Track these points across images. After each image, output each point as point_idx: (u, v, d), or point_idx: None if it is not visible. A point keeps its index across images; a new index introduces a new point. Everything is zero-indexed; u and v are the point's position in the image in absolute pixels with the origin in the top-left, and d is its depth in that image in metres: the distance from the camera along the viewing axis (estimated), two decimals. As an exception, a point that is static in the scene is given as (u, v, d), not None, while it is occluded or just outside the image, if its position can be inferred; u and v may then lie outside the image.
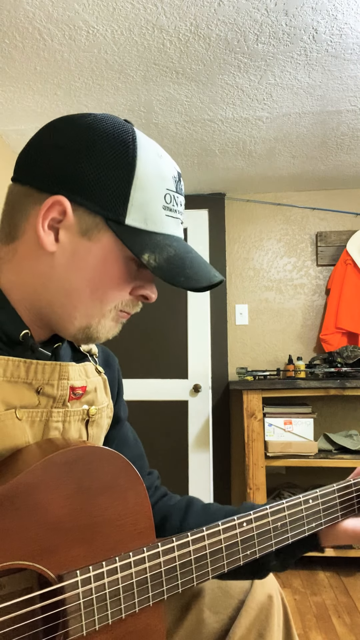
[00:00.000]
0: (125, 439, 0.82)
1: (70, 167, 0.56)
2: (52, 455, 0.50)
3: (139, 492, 0.56)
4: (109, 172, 0.56)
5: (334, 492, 0.74)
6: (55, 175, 0.56)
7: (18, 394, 0.58)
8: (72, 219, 0.57)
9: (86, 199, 0.56)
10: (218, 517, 0.78)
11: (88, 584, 0.50)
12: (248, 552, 0.64)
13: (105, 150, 0.56)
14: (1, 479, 0.49)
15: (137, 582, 0.54)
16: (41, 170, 0.57)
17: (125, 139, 0.57)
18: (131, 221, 0.57)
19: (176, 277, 0.57)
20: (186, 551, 0.58)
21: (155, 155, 0.59)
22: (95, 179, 0.56)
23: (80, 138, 0.56)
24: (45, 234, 0.57)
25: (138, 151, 0.57)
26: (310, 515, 0.71)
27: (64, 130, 0.58)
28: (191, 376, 2.90)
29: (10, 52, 1.72)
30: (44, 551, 0.49)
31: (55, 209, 0.56)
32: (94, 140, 0.56)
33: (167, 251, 0.58)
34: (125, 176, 0.56)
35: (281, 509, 0.68)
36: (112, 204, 0.56)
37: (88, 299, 0.59)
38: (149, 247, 0.57)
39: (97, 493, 0.53)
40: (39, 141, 0.59)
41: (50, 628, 0.49)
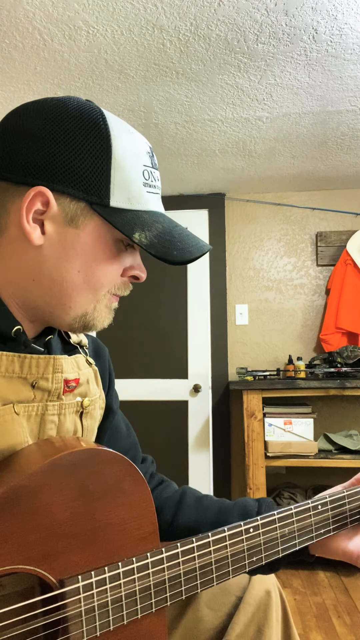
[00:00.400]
0: (118, 428, 0.82)
1: (45, 155, 0.54)
2: (55, 458, 0.50)
3: (143, 496, 0.55)
4: (86, 155, 0.54)
5: (344, 498, 0.74)
6: (31, 166, 0.54)
7: (14, 389, 0.58)
8: (55, 208, 0.55)
9: (67, 185, 0.55)
10: (211, 512, 0.78)
11: (90, 589, 0.50)
12: (254, 559, 0.63)
13: (78, 133, 0.55)
14: (2, 481, 0.48)
15: (140, 589, 0.53)
16: (15, 162, 0.55)
17: (95, 120, 0.56)
18: (115, 202, 0.56)
19: (169, 252, 0.57)
20: (191, 557, 0.58)
21: (127, 132, 0.58)
22: (73, 164, 0.54)
23: (50, 123, 0.55)
24: (31, 228, 0.55)
25: (111, 130, 0.56)
26: (320, 521, 0.70)
27: (31, 117, 0.56)
28: (191, 376, 2.90)
29: (10, 52, 1.71)
30: (45, 556, 0.48)
31: (38, 201, 0.55)
32: (65, 124, 0.55)
33: (156, 227, 0.58)
34: (103, 157, 0.55)
35: (289, 515, 0.68)
36: (94, 188, 0.55)
37: (82, 286, 0.58)
38: (138, 225, 0.56)
39: (101, 497, 0.53)
40: (6, 132, 0.57)
41: (50, 634, 0.49)
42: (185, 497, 0.80)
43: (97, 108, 0.57)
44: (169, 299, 2.96)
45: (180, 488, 0.84)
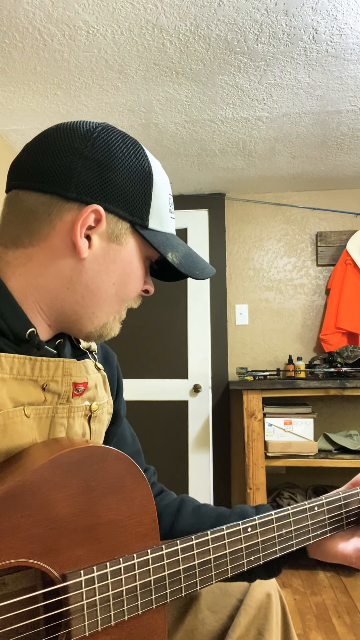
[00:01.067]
0: (123, 436, 0.83)
1: (100, 178, 0.60)
2: (58, 455, 0.50)
3: (144, 493, 0.56)
4: (135, 182, 0.62)
5: (340, 500, 0.74)
6: (87, 185, 0.59)
7: (25, 391, 0.59)
8: (104, 225, 0.61)
9: (117, 206, 0.61)
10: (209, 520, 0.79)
11: (92, 584, 0.50)
12: (252, 558, 0.64)
13: (129, 162, 0.62)
14: (7, 477, 0.49)
15: (140, 584, 0.53)
16: (69, 180, 0.59)
17: (139, 151, 0.64)
18: (152, 225, 0.64)
19: (193, 270, 0.66)
20: (190, 555, 0.58)
21: (159, 164, 0.67)
22: (124, 188, 0.61)
23: (105, 150, 0.61)
24: (82, 242, 0.60)
25: (151, 162, 0.64)
26: (316, 523, 0.71)
27: (82, 139, 0.61)
28: (191, 376, 2.90)
29: (10, 52, 1.72)
30: (48, 550, 0.49)
31: (91, 218, 0.60)
32: (115, 152, 0.61)
33: (180, 249, 0.67)
34: (147, 185, 0.63)
35: (286, 515, 0.68)
36: (138, 211, 0.62)
37: (113, 298, 0.64)
38: (169, 246, 0.65)
39: (103, 493, 0.53)
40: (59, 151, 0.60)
41: (52, 627, 0.49)
42: (184, 506, 0.81)
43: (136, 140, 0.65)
44: (169, 299, 2.96)
45: (178, 496, 0.85)
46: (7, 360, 0.57)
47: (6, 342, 0.58)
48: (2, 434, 0.55)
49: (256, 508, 0.79)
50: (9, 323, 0.58)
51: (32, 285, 0.61)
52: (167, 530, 0.79)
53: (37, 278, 0.61)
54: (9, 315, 0.58)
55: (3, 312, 0.58)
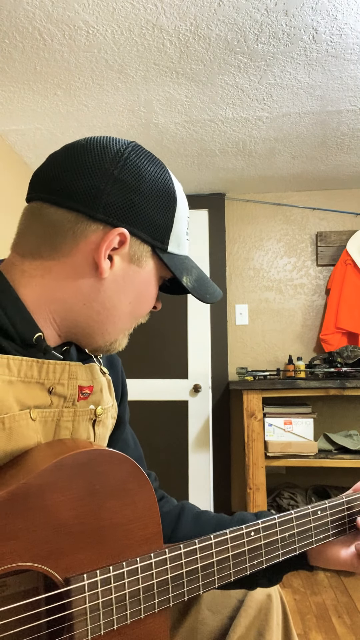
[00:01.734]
0: (126, 441, 0.83)
1: (128, 202, 0.61)
2: (62, 458, 0.50)
3: (148, 497, 0.56)
4: (160, 208, 0.63)
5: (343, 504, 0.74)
6: (115, 209, 0.60)
7: (32, 394, 0.59)
8: (127, 248, 0.62)
9: (141, 230, 0.62)
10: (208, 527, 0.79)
11: (95, 588, 0.50)
12: (255, 562, 0.64)
13: (156, 188, 0.63)
14: (11, 480, 0.49)
15: (143, 588, 0.53)
16: (99, 202, 0.60)
17: (167, 177, 0.65)
18: (171, 248, 0.66)
19: (204, 294, 0.68)
20: (193, 559, 0.58)
21: (180, 187, 0.68)
22: (150, 213, 0.62)
23: (132, 172, 0.61)
24: (105, 263, 0.61)
25: (175, 186, 0.65)
26: (319, 527, 0.70)
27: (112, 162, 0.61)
28: (191, 376, 2.90)
29: (10, 52, 1.71)
30: (51, 553, 0.49)
31: (116, 240, 0.61)
32: (146, 177, 0.62)
33: (194, 272, 0.69)
34: (171, 211, 0.64)
35: (289, 519, 0.68)
36: (160, 234, 0.64)
37: (127, 316, 0.66)
38: (184, 270, 0.67)
39: (107, 497, 0.53)
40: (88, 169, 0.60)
41: (55, 631, 0.49)
42: (184, 513, 0.81)
43: (162, 163, 0.66)
44: (169, 299, 2.96)
45: (179, 503, 0.85)
46: (15, 363, 0.57)
47: (13, 346, 0.58)
48: (8, 437, 0.55)
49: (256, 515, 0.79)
50: (16, 327, 0.58)
51: (47, 296, 0.61)
52: (167, 537, 0.79)
53: (53, 291, 0.61)
54: (16, 319, 0.59)
55: (11, 316, 0.58)
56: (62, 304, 0.62)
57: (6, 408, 0.55)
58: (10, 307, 0.59)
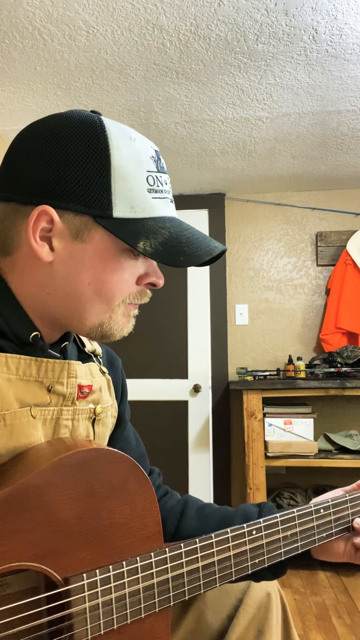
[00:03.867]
0: (128, 440, 0.83)
1: (47, 174, 0.55)
2: (62, 457, 0.50)
3: (147, 496, 0.56)
4: (85, 169, 0.55)
5: (346, 503, 0.74)
6: (35, 185, 0.55)
7: (31, 392, 0.59)
8: (60, 225, 0.56)
9: (69, 201, 0.55)
10: (213, 521, 0.78)
11: (94, 587, 0.50)
12: (257, 561, 0.63)
13: (76, 147, 0.55)
14: (10, 479, 0.49)
15: (143, 587, 0.53)
16: (21, 183, 0.56)
17: (93, 132, 0.56)
18: (119, 213, 0.56)
19: (175, 258, 0.56)
20: (194, 558, 0.58)
21: (128, 139, 0.58)
22: (73, 179, 0.55)
23: (51, 142, 0.55)
24: (39, 246, 0.56)
25: (109, 140, 0.56)
26: (322, 525, 0.70)
27: (34, 138, 0.57)
28: (191, 376, 2.90)
29: (10, 52, 1.71)
30: (51, 553, 0.49)
31: (43, 219, 0.55)
32: (62, 139, 0.55)
33: (162, 234, 0.57)
34: (102, 169, 0.55)
35: (292, 517, 0.68)
36: (96, 201, 0.55)
37: (94, 298, 0.58)
38: (142, 234, 0.56)
39: (106, 496, 0.53)
40: (11, 153, 0.58)
41: (55, 631, 0.49)
42: (187, 508, 0.81)
43: (97, 119, 0.57)
44: (169, 299, 2.96)
45: (182, 498, 0.84)
46: (13, 361, 0.57)
47: (10, 346, 0.58)
48: (10, 434, 0.55)
49: (259, 507, 0.79)
50: (11, 326, 0.58)
51: (22, 291, 0.60)
52: (171, 533, 0.78)
53: (23, 286, 0.59)
54: (11, 318, 0.58)
55: (5, 316, 0.58)
56: (33, 298, 0.59)
57: (7, 405, 0.55)
58: (4, 307, 0.58)
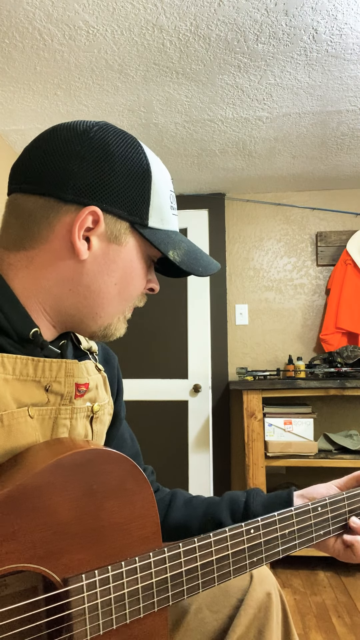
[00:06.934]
0: (123, 438, 0.84)
1: (97, 178, 0.59)
2: (60, 458, 0.50)
3: (146, 496, 0.56)
4: (133, 181, 0.61)
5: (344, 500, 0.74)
6: (83, 187, 0.59)
7: (28, 392, 0.59)
8: (102, 226, 0.61)
9: (115, 206, 0.60)
10: (199, 508, 0.81)
11: (93, 588, 0.50)
12: (255, 560, 0.64)
13: (126, 161, 0.61)
14: (9, 480, 0.49)
15: (142, 587, 0.53)
16: (67, 182, 0.59)
17: (138, 150, 0.63)
18: (152, 223, 0.63)
19: (195, 267, 0.65)
20: (192, 558, 0.58)
21: (158, 161, 0.66)
22: (122, 188, 0.60)
23: (100, 150, 0.60)
24: (81, 244, 0.60)
25: (149, 160, 0.63)
26: (319, 523, 0.71)
27: (78, 141, 0.60)
28: (191, 376, 2.90)
29: (10, 52, 1.71)
30: (49, 554, 0.49)
31: (89, 219, 0.60)
32: (114, 151, 0.61)
33: (183, 246, 0.66)
34: (146, 183, 0.62)
35: (289, 516, 0.68)
36: (137, 210, 0.62)
37: (115, 298, 0.64)
38: (170, 244, 0.64)
39: (105, 496, 0.53)
40: (54, 152, 0.60)
41: (54, 632, 0.49)
42: (175, 499, 0.83)
43: (134, 138, 0.64)
44: (169, 299, 2.96)
45: (170, 490, 0.86)
46: (10, 361, 0.57)
47: (10, 342, 0.58)
48: (7, 435, 0.55)
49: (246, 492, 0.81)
50: (12, 323, 0.58)
51: (35, 287, 0.61)
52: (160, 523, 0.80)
53: (39, 280, 0.61)
54: (12, 315, 0.59)
55: (6, 312, 0.58)
56: (49, 293, 0.61)
57: (4, 405, 0.55)
58: (5, 303, 0.59)
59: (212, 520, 0.79)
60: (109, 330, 0.66)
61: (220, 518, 0.79)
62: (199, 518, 0.80)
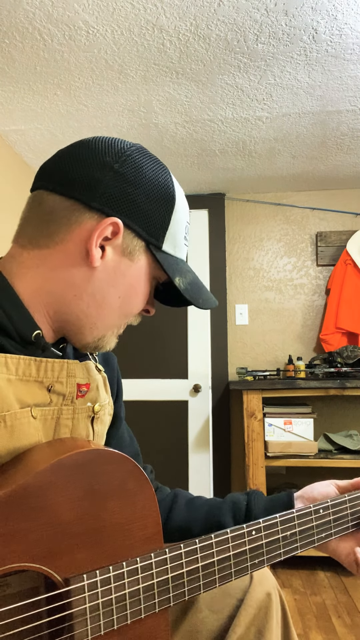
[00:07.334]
0: (122, 438, 0.84)
1: (125, 193, 0.61)
2: (61, 458, 0.50)
3: (147, 496, 0.56)
4: (157, 205, 0.64)
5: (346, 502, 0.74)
6: (112, 199, 0.61)
7: (31, 392, 0.59)
8: (120, 239, 0.62)
9: (136, 224, 0.62)
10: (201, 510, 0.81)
11: (95, 588, 0.50)
12: (256, 561, 0.64)
13: (155, 185, 0.64)
14: (11, 480, 0.49)
15: (143, 588, 0.53)
16: (96, 190, 0.60)
17: (167, 178, 0.66)
18: (166, 247, 0.66)
19: (197, 298, 0.67)
20: (194, 559, 0.58)
21: (182, 193, 0.69)
22: (146, 208, 0.63)
23: (134, 169, 0.62)
24: (96, 251, 0.61)
25: (176, 189, 0.66)
26: (321, 525, 0.71)
27: (112, 154, 0.62)
28: (191, 376, 2.90)
29: (10, 52, 1.71)
30: (51, 554, 0.49)
31: (109, 229, 0.61)
32: (146, 173, 0.63)
33: (188, 276, 0.68)
34: (168, 209, 0.65)
35: (291, 518, 0.68)
36: (155, 232, 0.64)
37: (116, 311, 0.65)
38: (178, 271, 0.66)
39: (106, 497, 0.53)
40: (90, 160, 0.62)
41: (55, 632, 0.49)
42: (177, 500, 0.83)
43: (166, 167, 0.67)
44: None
45: (172, 491, 0.86)
46: (13, 362, 0.57)
47: (12, 344, 0.58)
48: (10, 435, 0.55)
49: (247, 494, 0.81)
50: (15, 324, 0.59)
51: (42, 288, 0.61)
52: (161, 525, 0.79)
53: (47, 282, 0.62)
54: (15, 316, 0.59)
55: (9, 314, 0.58)
56: (54, 297, 0.62)
57: (7, 406, 0.55)
58: (9, 305, 0.59)
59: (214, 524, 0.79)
60: (102, 342, 0.66)
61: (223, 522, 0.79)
62: (201, 521, 0.80)
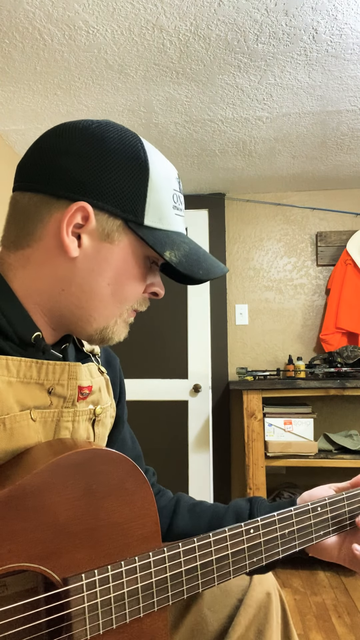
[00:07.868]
0: (124, 440, 0.83)
1: (89, 174, 0.57)
2: (59, 458, 0.50)
3: (145, 496, 0.56)
4: (127, 177, 0.58)
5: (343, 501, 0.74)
6: (75, 182, 0.57)
7: (31, 394, 0.58)
8: (94, 223, 0.58)
9: (107, 203, 0.58)
10: (204, 519, 0.79)
11: (93, 587, 0.50)
12: (255, 560, 0.64)
13: (120, 156, 0.58)
14: (9, 480, 0.49)
15: (142, 587, 0.53)
16: (57, 178, 0.58)
17: (135, 145, 0.60)
18: (149, 222, 0.60)
19: (195, 270, 0.61)
20: (192, 557, 0.58)
21: (161, 158, 0.63)
22: (115, 184, 0.58)
23: (95, 145, 0.58)
24: (70, 241, 0.58)
25: (149, 155, 0.60)
26: (319, 523, 0.71)
27: (75, 138, 0.59)
28: (191, 376, 2.90)
29: (10, 52, 1.71)
30: (49, 554, 0.49)
31: (78, 215, 0.58)
32: (109, 146, 0.58)
33: (183, 247, 0.62)
34: (142, 180, 0.59)
35: (289, 516, 0.68)
36: (131, 207, 0.59)
37: (109, 299, 0.61)
38: (168, 244, 0.60)
39: (104, 496, 0.53)
40: (49, 149, 0.59)
41: (54, 631, 0.49)
42: (179, 506, 0.82)
43: (136, 135, 0.62)
44: (169, 299, 2.96)
45: (174, 496, 0.85)
46: (14, 364, 0.56)
47: (11, 346, 0.58)
48: (9, 438, 0.55)
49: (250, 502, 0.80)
50: (14, 327, 0.58)
51: (32, 288, 0.60)
52: (164, 532, 0.79)
53: (35, 281, 0.60)
54: (14, 318, 0.58)
55: (8, 316, 0.58)
56: (45, 295, 0.60)
57: (7, 409, 0.55)
58: (7, 306, 0.58)
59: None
60: (106, 333, 0.63)
61: None
62: (204, 529, 0.78)
